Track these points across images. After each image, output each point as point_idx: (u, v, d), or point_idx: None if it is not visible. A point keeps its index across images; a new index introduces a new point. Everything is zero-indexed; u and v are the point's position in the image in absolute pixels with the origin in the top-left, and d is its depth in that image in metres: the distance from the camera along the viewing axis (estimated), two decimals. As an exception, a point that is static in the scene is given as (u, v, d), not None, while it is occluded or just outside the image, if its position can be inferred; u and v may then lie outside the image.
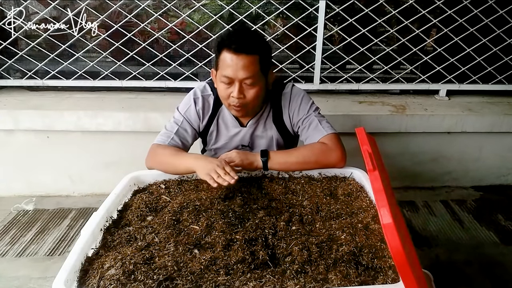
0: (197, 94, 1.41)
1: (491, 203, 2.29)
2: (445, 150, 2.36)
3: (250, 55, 1.19)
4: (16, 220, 2.10)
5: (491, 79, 2.43)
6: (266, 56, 1.27)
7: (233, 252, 0.89)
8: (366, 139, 0.93)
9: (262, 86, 1.27)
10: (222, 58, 1.22)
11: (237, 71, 1.20)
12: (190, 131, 1.40)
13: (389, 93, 2.55)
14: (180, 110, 1.41)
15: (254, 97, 1.26)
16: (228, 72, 1.21)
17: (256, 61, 1.21)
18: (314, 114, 1.38)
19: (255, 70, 1.22)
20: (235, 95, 1.23)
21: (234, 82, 1.22)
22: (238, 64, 1.19)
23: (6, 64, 2.31)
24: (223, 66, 1.22)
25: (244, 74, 1.20)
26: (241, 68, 1.19)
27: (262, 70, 1.24)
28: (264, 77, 1.27)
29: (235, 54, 1.19)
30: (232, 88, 1.23)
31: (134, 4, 2.24)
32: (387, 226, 0.70)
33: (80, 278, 0.83)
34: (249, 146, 1.46)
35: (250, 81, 1.22)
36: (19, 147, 2.25)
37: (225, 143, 1.46)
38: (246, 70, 1.20)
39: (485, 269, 1.72)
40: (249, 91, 1.24)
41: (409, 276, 0.68)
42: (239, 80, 1.21)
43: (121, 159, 2.25)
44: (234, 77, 1.21)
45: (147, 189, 1.22)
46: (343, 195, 1.16)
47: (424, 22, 2.28)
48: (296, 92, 1.41)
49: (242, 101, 1.25)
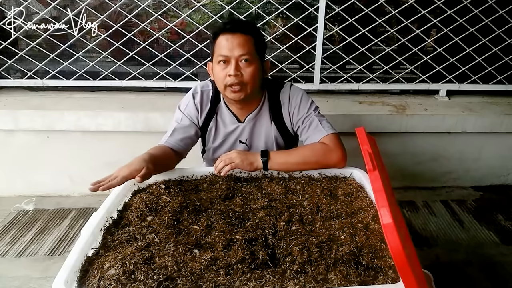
0: (197, 89, 1.43)
1: (491, 203, 2.29)
2: (445, 150, 2.36)
3: (245, 34, 1.24)
4: (16, 220, 2.10)
5: (491, 79, 2.43)
6: (260, 40, 1.31)
7: (233, 252, 0.89)
8: (366, 139, 0.93)
9: (258, 67, 1.29)
10: (218, 42, 1.26)
11: (233, 49, 1.23)
12: (191, 126, 1.40)
13: (389, 93, 2.55)
14: (180, 108, 1.43)
15: (251, 76, 1.26)
16: (224, 51, 1.24)
17: (251, 41, 1.26)
18: (314, 114, 1.38)
19: (251, 49, 1.25)
20: (232, 73, 1.24)
21: (230, 61, 1.25)
22: (233, 42, 1.23)
23: (6, 64, 2.31)
24: (219, 48, 1.25)
25: (240, 51, 1.23)
26: (237, 45, 1.23)
27: (257, 52, 1.28)
28: (259, 60, 1.29)
29: (231, 33, 1.23)
30: (229, 68, 1.25)
31: (134, 4, 2.24)
32: (387, 226, 0.70)
33: (80, 278, 0.83)
34: (246, 143, 1.46)
35: (246, 57, 1.24)
36: (19, 147, 2.25)
37: (223, 140, 1.46)
38: (241, 47, 1.23)
39: (485, 269, 1.72)
40: (245, 70, 1.26)
41: (409, 276, 0.68)
42: (235, 57, 1.24)
43: (121, 159, 2.21)
44: (230, 55, 1.24)
45: (147, 189, 1.22)
46: (343, 195, 1.16)
47: (424, 22, 2.28)
48: (295, 91, 1.42)
49: (240, 80, 1.26)
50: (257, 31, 1.31)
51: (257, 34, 1.30)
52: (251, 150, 1.47)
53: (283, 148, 1.48)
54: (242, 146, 1.46)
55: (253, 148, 1.47)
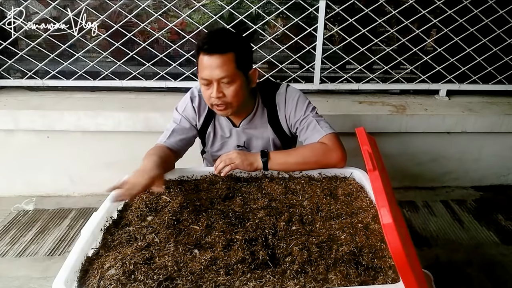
0: (194, 93, 1.42)
1: (491, 203, 2.29)
2: (445, 150, 2.36)
3: (223, 54, 1.19)
4: (16, 220, 2.10)
5: (491, 79, 2.43)
6: (243, 52, 1.25)
7: (233, 252, 0.89)
8: (366, 139, 0.93)
9: (241, 83, 1.25)
10: (200, 60, 1.23)
11: (212, 71, 1.20)
12: (189, 127, 1.41)
13: (389, 93, 2.55)
14: (178, 110, 1.43)
15: (233, 95, 1.25)
16: (205, 74, 1.21)
17: (230, 59, 1.20)
18: (311, 115, 1.37)
19: (230, 69, 1.21)
20: (214, 95, 1.23)
21: (212, 83, 1.23)
22: (212, 64, 1.19)
23: (6, 64, 2.31)
24: (201, 69, 1.23)
25: (219, 74, 1.20)
26: (216, 68, 1.19)
27: (239, 68, 1.23)
28: (243, 74, 1.25)
29: (208, 54, 1.19)
30: (211, 89, 1.23)
31: (134, 4, 2.24)
32: (387, 226, 0.70)
33: (80, 278, 0.83)
34: (245, 146, 1.46)
35: (227, 79, 1.21)
36: (19, 147, 2.25)
37: (221, 144, 1.47)
38: (220, 69, 1.19)
39: (485, 269, 1.72)
40: (227, 90, 1.24)
41: (409, 276, 0.68)
42: (215, 80, 1.21)
43: (121, 159, 2.24)
44: (210, 78, 1.21)
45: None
46: (343, 195, 1.16)
47: (424, 22, 2.28)
48: (291, 92, 1.40)
49: (223, 100, 1.25)
50: (238, 44, 1.24)
51: (238, 47, 1.23)
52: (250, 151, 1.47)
53: (280, 149, 1.47)
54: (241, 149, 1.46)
55: (252, 150, 1.46)
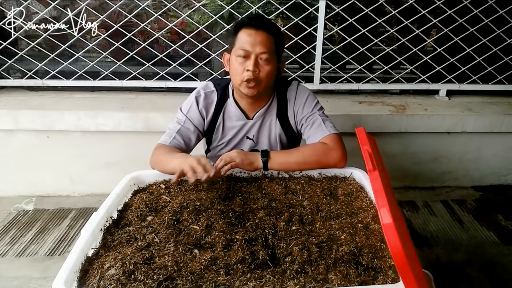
0: (199, 92, 1.43)
1: (491, 203, 2.29)
2: (445, 150, 2.36)
3: (268, 33, 1.26)
4: (16, 220, 2.10)
5: (491, 79, 2.43)
6: (280, 41, 1.33)
7: (233, 252, 0.89)
8: (366, 139, 0.93)
9: (275, 67, 1.31)
10: (240, 35, 1.27)
11: (255, 45, 1.25)
12: (193, 129, 1.40)
13: (389, 93, 2.55)
14: (182, 110, 1.42)
15: (267, 74, 1.29)
16: (246, 46, 1.25)
17: (272, 40, 1.28)
18: (318, 113, 1.40)
19: (271, 48, 1.28)
20: (251, 68, 1.26)
21: (250, 56, 1.26)
22: (256, 38, 1.25)
23: (6, 64, 2.31)
24: (241, 41, 1.27)
25: (261, 49, 1.25)
26: (259, 42, 1.25)
27: (276, 52, 1.30)
28: (277, 60, 1.32)
29: (255, 29, 1.25)
30: (248, 63, 1.26)
31: (134, 4, 2.24)
32: (387, 226, 0.70)
33: (80, 278, 0.83)
34: (253, 139, 1.46)
35: (266, 56, 1.26)
36: (19, 147, 2.25)
37: (232, 137, 1.47)
38: (263, 45, 1.25)
39: (485, 269, 1.73)
40: (263, 67, 1.28)
41: (409, 276, 0.68)
42: (255, 53, 1.26)
43: (121, 159, 2.25)
44: (251, 50, 1.25)
45: (147, 189, 1.21)
46: (343, 195, 1.16)
47: (424, 22, 2.28)
48: (301, 90, 1.44)
49: (256, 76, 1.27)
50: (279, 32, 1.34)
51: (279, 35, 1.32)
52: (257, 146, 1.48)
53: (286, 145, 1.49)
54: (249, 142, 1.47)
55: (259, 144, 1.48)
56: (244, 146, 1.48)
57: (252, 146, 1.48)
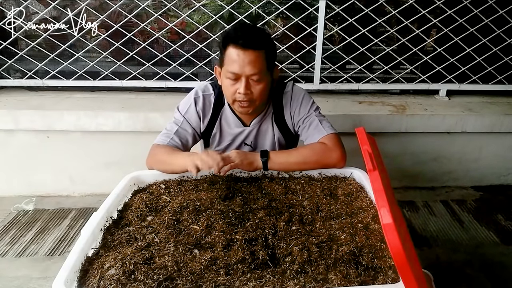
0: (198, 94, 1.40)
1: (491, 203, 2.29)
2: (445, 150, 2.36)
3: (257, 50, 1.19)
4: (16, 220, 2.10)
5: (491, 79, 2.43)
6: (272, 52, 1.27)
7: (233, 252, 0.89)
8: (366, 139, 0.93)
9: (268, 82, 1.27)
10: (228, 53, 1.20)
11: (244, 66, 1.19)
12: (191, 131, 1.39)
13: (389, 93, 2.55)
14: (180, 110, 1.40)
15: (261, 93, 1.25)
16: (235, 68, 1.20)
17: (262, 56, 1.21)
18: (314, 114, 1.39)
19: (262, 66, 1.21)
20: (242, 91, 1.22)
21: (240, 78, 1.21)
22: (245, 60, 1.18)
23: (6, 64, 2.31)
24: (229, 62, 1.20)
25: (251, 70, 1.19)
26: (248, 63, 1.18)
27: (268, 66, 1.24)
28: (269, 73, 1.27)
29: (242, 49, 1.18)
30: (238, 85, 1.22)
31: (134, 4, 2.24)
32: (387, 226, 0.70)
33: (80, 278, 0.83)
34: (251, 145, 1.46)
35: (257, 77, 1.21)
36: (19, 147, 2.25)
37: (229, 144, 1.46)
38: (253, 66, 1.19)
39: (485, 269, 1.73)
40: (255, 87, 1.24)
41: (409, 276, 0.68)
42: (246, 76, 1.20)
43: (121, 159, 2.25)
44: (240, 73, 1.20)
45: (147, 189, 1.21)
46: (343, 195, 1.16)
47: (424, 22, 2.28)
48: (297, 91, 1.42)
49: (249, 97, 1.25)
50: (269, 42, 1.26)
51: (269, 45, 1.25)
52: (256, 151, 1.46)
53: (285, 147, 1.48)
54: (247, 148, 1.46)
55: (257, 150, 1.46)
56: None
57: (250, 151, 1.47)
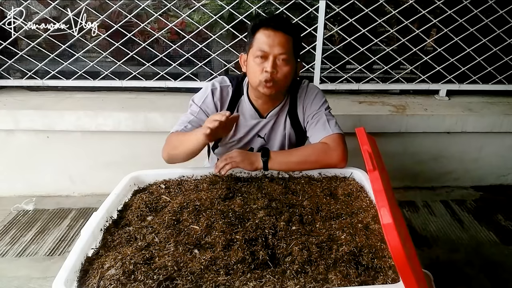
0: (215, 85, 1.41)
1: (491, 203, 2.29)
2: (445, 150, 2.36)
3: (286, 34, 1.25)
4: (16, 220, 2.10)
5: (491, 79, 2.43)
6: (299, 42, 1.33)
7: (233, 252, 0.89)
8: (366, 139, 0.93)
9: (293, 68, 1.30)
10: (258, 36, 1.26)
11: (273, 46, 1.24)
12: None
13: (389, 93, 2.55)
14: (196, 102, 1.41)
15: (285, 75, 1.28)
16: (264, 47, 1.25)
17: (290, 42, 1.26)
18: (324, 112, 1.40)
19: (290, 49, 1.26)
20: (269, 69, 1.25)
21: (268, 57, 1.25)
22: (275, 40, 1.24)
23: (6, 64, 2.31)
24: (259, 43, 1.26)
25: (280, 50, 1.24)
26: (278, 44, 1.24)
27: (294, 53, 1.29)
28: (295, 60, 1.31)
29: (273, 30, 1.24)
30: (266, 64, 1.26)
31: (134, 4, 2.24)
32: (387, 226, 0.70)
33: (80, 278, 0.83)
34: (264, 138, 1.46)
35: (284, 57, 1.25)
36: (19, 147, 2.25)
37: (244, 135, 1.45)
38: (281, 46, 1.24)
39: (485, 269, 1.73)
40: (281, 68, 1.27)
41: (409, 276, 0.68)
42: (274, 55, 1.25)
43: (121, 159, 2.24)
44: (269, 51, 1.24)
45: (147, 189, 1.22)
46: (343, 195, 1.16)
47: (424, 22, 2.28)
48: (311, 88, 1.45)
49: (274, 77, 1.27)
50: (298, 33, 1.33)
51: (297, 35, 1.31)
52: (268, 145, 1.48)
53: (294, 144, 1.49)
54: (260, 140, 1.47)
55: (270, 143, 1.48)
56: (255, 144, 1.48)
57: (262, 145, 1.48)
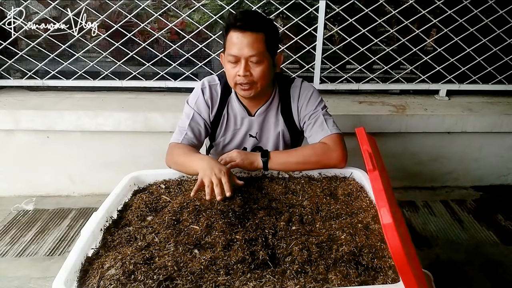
0: (205, 84, 1.42)
1: (491, 203, 2.29)
2: (445, 150, 2.36)
3: (255, 32, 1.21)
4: (16, 220, 2.10)
5: (491, 79, 2.43)
6: (272, 35, 1.28)
7: (233, 252, 0.89)
8: (366, 139, 0.93)
9: (268, 65, 1.27)
10: (229, 38, 1.24)
11: (242, 49, 1.21)
12: (202, 123, 1.40)
13: (389, 93, 2.55)
14: (189, 104, 1.42)
15: (261, 75, 1.26)
16: (234, 51, 1.22)
17: (261, 39, 1.22)
18: (321, 112, 1.39)
19: (261, 48, 1.23)
20: (241, 73, 1.24)
21: (240, 60, 1.24)
22: (243, 42, 1.21)
23: (6, 64, 2.31)
24: (230, 45, 1.24)
25: (249, 52, 1.21)
26: (246, 45, 1.21)
27: (268, 49, 1.25)
28: (270, 57, 1.28)
29: (241, 31, 1.21)
30: (238, 67, 1.24)
31: (134, 4, 2.24)
32: (387, 226, 0.70)
33: (80, 278, 0.83)
34: (256, 137, 1.46)
35: (256, 58, 1.23)
36: (19, 147, 2.25)
37: (234, 134, 1.46)
38: (251, 47, 1.21)
39: (485, 269, 1.72)
40: (255, 69, 1.25)
41: (409, 276, 0.68)
42: (244, 58, 1.22)
43: (121, 159, 2.24)
44: (239, 55, 1.22)
45: (147, 189, 1.22)
46: (343, 195, 1.16)
47: (424, 22, 2.28)
48: (306, 87, 1.43)
49: (249, 79, 1.25)
50: (269, 26, 1.27)
51: (269, 29, 1.26)
52: (260, 143, 1.47)
53: (289, 143, 1.48)
54: (252, 140, 1.47)
55: (263, 142, 1.47)
56: (247, 144, 1.48)
57: (255, 144, 1.48)
